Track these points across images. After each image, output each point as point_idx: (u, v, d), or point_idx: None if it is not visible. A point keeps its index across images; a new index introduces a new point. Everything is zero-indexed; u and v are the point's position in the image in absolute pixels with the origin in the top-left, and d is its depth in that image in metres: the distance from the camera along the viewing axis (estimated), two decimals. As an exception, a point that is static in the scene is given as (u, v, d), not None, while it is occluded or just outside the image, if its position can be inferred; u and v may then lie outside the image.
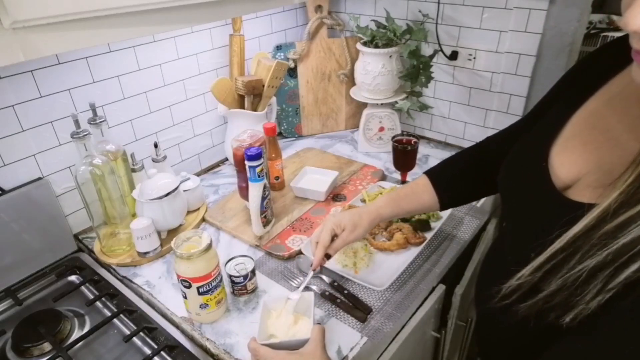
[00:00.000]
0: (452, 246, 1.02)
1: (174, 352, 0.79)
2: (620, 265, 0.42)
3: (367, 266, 0.94)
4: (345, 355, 0.77)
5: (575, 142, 0.59)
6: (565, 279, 0.46)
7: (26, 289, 0.94)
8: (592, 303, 0.44)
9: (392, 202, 0.84)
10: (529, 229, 0.60)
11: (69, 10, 0.54)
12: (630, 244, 0.42)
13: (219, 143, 1.38)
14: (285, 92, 1.47)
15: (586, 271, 0.44)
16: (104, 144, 0.98)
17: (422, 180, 0.86)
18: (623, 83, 0.58)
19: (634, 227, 0.41)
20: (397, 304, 0.88)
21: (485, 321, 0.72)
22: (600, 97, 0.60)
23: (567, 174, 0.57)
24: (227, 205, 1.16)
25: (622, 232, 0.42)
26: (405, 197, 0.85)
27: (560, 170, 0.58)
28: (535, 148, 0.64)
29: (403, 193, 0.86)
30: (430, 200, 0.84)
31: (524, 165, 0.66)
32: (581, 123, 0.60)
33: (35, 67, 0.91)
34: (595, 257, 0.44)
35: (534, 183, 0.61)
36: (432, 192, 0.84)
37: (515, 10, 1.15)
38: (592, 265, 0.44)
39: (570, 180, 0.57)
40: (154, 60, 1.12)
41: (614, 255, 0.42)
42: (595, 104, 0.60)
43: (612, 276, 0.43)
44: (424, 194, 0.84)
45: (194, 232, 0.81)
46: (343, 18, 1.51)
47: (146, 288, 0.93)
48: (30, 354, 0.80)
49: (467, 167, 0.87)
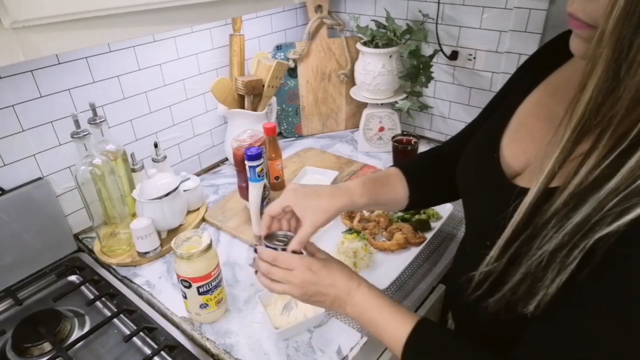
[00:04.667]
0: (452, 246, 1.02)
1: (174, 352, 0.79)
2: (574, 245, 0.43)
3: (367, 266, 0.94)
4: (345, 355, 0.77)
5: (524, 132, 0.61)
6: (527, 266, 0.47)
7: (26, 289, 0.94)
8: (552, 287, 0.45)
9: (370, 192, 0.74)
10: (483, 218, 0.62)
11: (69, 10, 0.54)
12: (582, 222, 0.42)
13: (219, 143, 1.38)
14: (285, 92, 1.47)
15: (546, 255, 0.45)
16: (104, 144, 0.98)
17: (396, 173, 0.80)
18: (567, 73, 0.60)
19: (583, 206, 0.43)
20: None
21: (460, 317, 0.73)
22: (545, 88, 0.62)
23: (518, 163, 0.59)
24: (227, 205, 1.16)
25: (574, 211, 0.43)
26: (382, 188, 0.77)
27: (511, 159, 0.60)
28: (486, 141, 0.66)
29: (380, 183, 0.77)
30: (402, 195, 0.78)
31: (477, 158, 0.68)
32: (527, 113, 0.62)
33: (35, 67, 0.91)
34: (553, 240, 0.45)
35: (487, 174, 0.63)
36: (406, 188, 0.78)
37: (515, 10, 1.15)
38: (551, 249, 0.45)
39: (520, 169, 0.59)
40: (154, 60, 1.12)
41: (570, 235, 0.43)
42: (539, 94, 0.62)
43: (566, 256, 0.44)
44: (399, 188, 0.78)
45: (194, 232, 0.81)
46: (343, 18, 1.51)
47: (146, 288, 0.93)
48: (30, 354, 0.80)
49: (433, 168, 0.84)
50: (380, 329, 0.61)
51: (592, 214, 0.42)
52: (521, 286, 0.48)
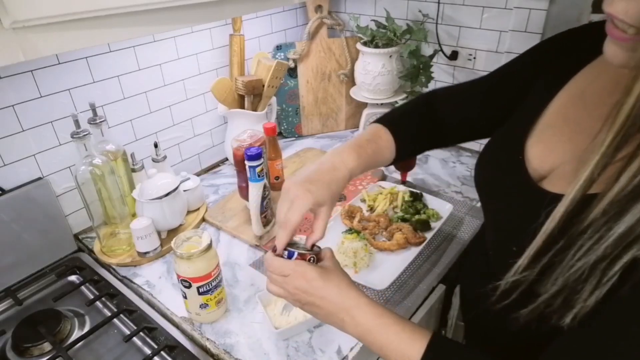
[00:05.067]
0: (452, 246, 1.02)
1: (174, 352, 0.79)
2: (615, 257, 0.42)
3: (367, 266, 0.94)
4: (345, 355, 0.77)
5: (550, 134, 0.59)
6: (565, 278, 0.45)
7: (26, 289, 0.94)
8: (591, 299, 0.43)
9: (362, 160, 0.70)
10: (508, 222, 0.60)
11: (69, 10, 0.54)
12: (625, 233, 0.41)
13: (219, 143, 1.38)
14: (285, 92, 1.47)
15: (587, 268, 0.43)
16: (104, 144, 0.98)
17: (384, 134, 0.76)
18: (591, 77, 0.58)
19: (626, 215, 0.41)
20: (397, 304, 0.88)
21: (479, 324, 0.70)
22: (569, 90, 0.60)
23: (543, 166, 0.57)
24: (227, 205, 1.16)
25: (615, 221, 0.41)
26: (374, 155, 0.73)
27: (536, 162, 0.58)
28: (510, 141, 0.64)
29: (371, 150, 0.73)
30: (389, 157, 0.76)
31: (500, 158, 0.66)
32: (553, 115, 0.60)
33: (35, 67, 0.91)
34: (592, 252, 0.43)
35: (511, 176, 0.61)
36: (393, 148, 0.76)
37: (515, 10, 1.15)
38: (591, 262, 0.43)
39: (545, 172, 0.57)
40: (154, 60, 1.12)
41: (612, 248, 0.42)
42: (565, 97, 0.60)
43: (606, 269, 0.42)
44: (386, 151, 0.76)
45: (194, 232, 0.81)
46: (343, 18, 1.51)
47: (146, 288, 0.93)
48: (30, 354, 0.80)
49: (419, 121, 0.81)
50: (387, 350, 0.56)
51: (636, 225, 0.40)
52: (557, 298, 0.46)
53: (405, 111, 0.83)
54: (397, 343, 0.55)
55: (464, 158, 1.37)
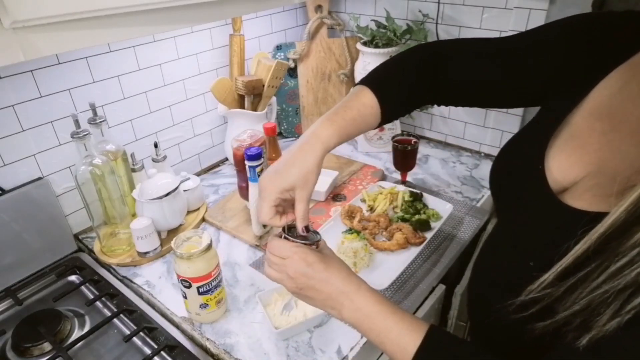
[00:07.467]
0: (452, 246, 1.02)
1: (174, 352, 0.79)
2: None
3: (367, 266, 0.94)
4: (345, 355, 0.77)
5: (574, 144, 0.56)
6: (589, 300, 0.43)
7: (26, 289, 0.94)
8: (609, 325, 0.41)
9: (340, 130, 0.64)
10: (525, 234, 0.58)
11: (69, 10, 0.54)
12: None
13: (219, 143, 1.38)
14: (285, 92, 1.47)
15: (615, 292, 0.41)
16: (104, 144, 0.98)
17: (368, 100, 0.68)
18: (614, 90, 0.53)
19: None
20: (397, 303, 0.87)
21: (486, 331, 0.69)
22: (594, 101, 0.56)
23: (565, 177, 0.55)
24: (227, 205, 1.16)
25: None
26: (353, 123, 0.66)
27: (557, 173, 0.56)
28: (530, 148, 0.61)
29: (350, 117, 0.66)
30: (372, 122, 0.69)
31: (518, 165, 0.63)
32: (579, 125, 0.56)
33: (35, 67, 0.91)
34: (625, 277, 0.41)
35: (530, 186, 0.58)
36: (378, 114, 0.68)
37: (515, 10, 1.15)
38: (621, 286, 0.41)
39: (567, 183, 0.54)
40: (154, 60, 1.12)
41: None
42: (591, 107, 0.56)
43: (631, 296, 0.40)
44: (370, 118, 0.68)
45: (194, 232, 0.81)
46: (343, 18, 1.51)
47: (146, 288, 0.93)
48: (30, 354, 0.80)
49: (416, 80, 0.72)
50: (384, 337, 0.56)
51: None
52: (577, 317, 0.45)
53: (397, 68, 0.73)
54: (395, 331, 0.55)
55: (464, 158, 1.37)
